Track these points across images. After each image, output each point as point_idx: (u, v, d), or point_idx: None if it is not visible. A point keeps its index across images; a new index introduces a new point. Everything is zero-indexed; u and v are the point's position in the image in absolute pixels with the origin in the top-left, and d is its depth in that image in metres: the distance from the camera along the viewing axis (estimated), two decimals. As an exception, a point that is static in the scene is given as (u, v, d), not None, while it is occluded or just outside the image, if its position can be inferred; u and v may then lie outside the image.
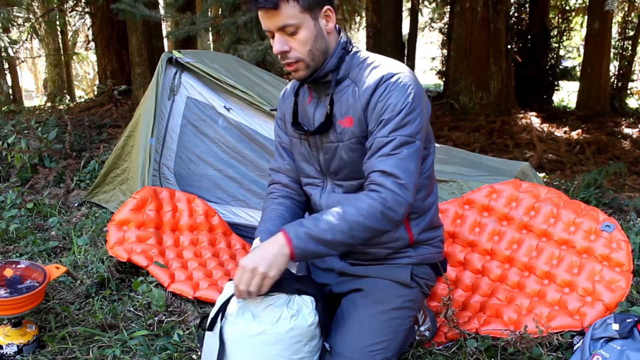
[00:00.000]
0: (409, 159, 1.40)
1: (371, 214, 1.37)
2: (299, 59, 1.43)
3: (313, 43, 1.41)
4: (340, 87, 1.50)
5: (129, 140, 2.97)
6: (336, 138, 1.51)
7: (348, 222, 1.36)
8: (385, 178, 1.38)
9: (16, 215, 3.09)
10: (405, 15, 11.02)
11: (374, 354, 1.46)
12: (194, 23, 4.70)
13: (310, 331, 1.41)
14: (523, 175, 2.53)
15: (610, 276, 1.83)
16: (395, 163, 1.38)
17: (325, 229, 1.36)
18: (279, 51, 1.41)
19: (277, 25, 1.38)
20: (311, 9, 1.39)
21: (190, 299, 2.08)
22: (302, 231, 1.35)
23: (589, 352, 1.54)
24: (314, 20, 1.40)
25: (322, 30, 1.43)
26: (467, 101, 7.98)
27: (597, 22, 8.62)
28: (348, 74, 1.49)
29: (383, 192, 1.38)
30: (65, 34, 12.29)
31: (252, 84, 2.90)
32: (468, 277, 2.07)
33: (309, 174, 1.64)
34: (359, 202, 1.39)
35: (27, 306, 1.69)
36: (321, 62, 1.46)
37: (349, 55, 1.49)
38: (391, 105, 1.40)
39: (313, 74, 1.47)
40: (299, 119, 1.59)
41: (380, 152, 1.41)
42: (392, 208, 1.38)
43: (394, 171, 1.38)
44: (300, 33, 1.39)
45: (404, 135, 1.39)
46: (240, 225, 2.81)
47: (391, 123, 1.40)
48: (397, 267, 1.59)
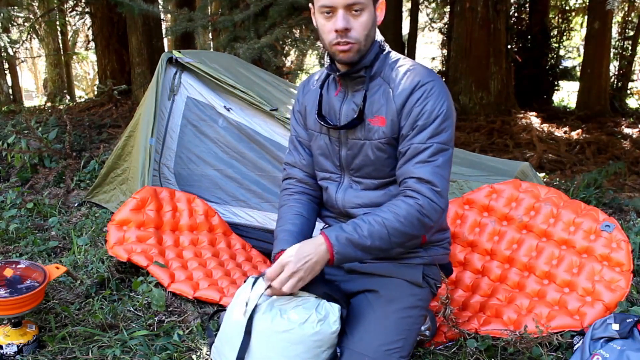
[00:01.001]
0: (443, 166, 1.44)
1: (408, 221, 1.41)
2: (357, 41, 1.43)
3: (370, 28, 1.44)
4: (372, 85, 1.51)
5: (129, 140, 2.97)
6: (364, 135, 1.52)
7: (387, 228, 1.40)
8: (422, 185, 1.42)
9: (16, 215, 3.09)
10: (405, 16, 11.01)
11: (392, 353, 1.47)
12: (192, 19, 4.69)
13: (332, 339, 1.43)
14: (523, 175, 2.53)
15: (610, 276, 1.83)
16: (432, 170, 1.42)
17: (366, 235, 1.40)
18: (343, 27, 1.40)
19: (346, 2, 1.39)
20: None
21: (190, 299, 2.08)
22: (344, 237, 1.39)
23: (589, 352, 1.54)
24: (374, 7, 1.45)
25: (376, 20, 1.47)
26: (467, 101, 7.97)
27: (597, 22, 8.61)
28: (380, 73, 1.51)
29: (420, 199, 1.42)
30: (65, 34, 12.28)
31: (252, 84, 2.90)
32: (468, 277, 2.07)
33: (327, 169, 1.64)
34: (396, 208, 1.43)
35: (27, 306, 1.69)
36: (368, 49, 1.47)
37: (382, 54, 1.52)
38: (427, 111, 1.43)
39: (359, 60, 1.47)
40: (322, 112, 1.59)
41: (417, 159, 1.44)
42: (428, 215, 1.42)
43: (430, 178, 1.42)
44: (363, 15, 1.41)
45: (440, 143, 1.43)
46: (240, 225, 2.81)
47: (427, 129, 1.43)
48: (409, 267, 1.60)
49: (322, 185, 1.69)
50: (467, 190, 2.32)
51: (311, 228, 1.68)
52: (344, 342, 1.49)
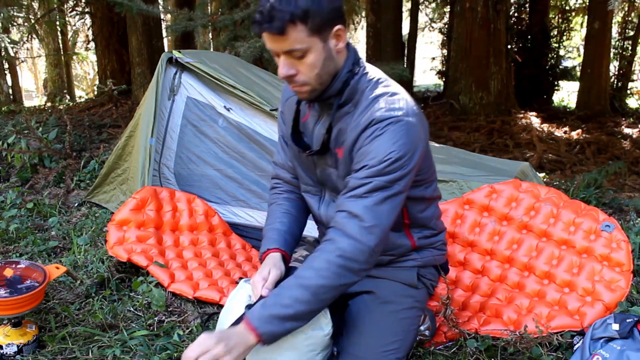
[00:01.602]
0: (381, 202, 1.29)
1: (331, 272, 1.27)
2: (305, 83, 1.33)
3: (322, 67, 1.30)
4: (341, 112, 1.40)
5: (129, 140, 2.97)
6: (332, 164, 1.45)
7: (308, 289, 1.26)
8: (349, 220, 1.29)
9: (16, 215, 3.09)
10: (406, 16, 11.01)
11: (388, 354, 1.46)
12: (192, 19, 4.69)
13: (325, 341, 1.42)
14: (523, 175, 2.53)
15: (610, 276, 1.83)
16: (364, 204, 1.29)
17: (287, 303, 1.26)
18: (284, 75, 1.31)
19: (283, 49, 1.27)
20: (320, 31, 1.27)
21: (190, 299, 2.08)
22: (266, 315, 1.25)
23: (589, 352, 1.54)
24: (323, 43, 1.29)
25: (331, 52, 1.32)
26: (467, 101, 7.98)
27: (597, 22, 8.62)
28: (351, 99, 1.39)
29: (340, 242, 1.28)
30: (65, 34, 12.29)
31: (252, 84, 2.90)
32: (468, 277, 2.07)
33: (307, 182, 1.59)
34: (314, 261, 1.29)
35: (27, 306, 1.69)
36: (328, 83, 1.35)
37: (354, 78, 1.38)
38: (373, 151, 1.30)
39: (319, 96, 1.37)
40: (299, 128, 1.52)
41: (352, 193, 1.31)
42: (352, 258, 1.28)
43: (359, 213, 1.28)
44: (308, 57, 1.28)
45: (382, 182, 1.29)
46: (240, 225, 2.81)
47: (371, 169, 1.30)
48: (403, 269, 1.59)
49: (304, 197, 1.62)
50: (467, 190, 2.32)
51: (301, 227, 1.63)
52: (340, 344, 1.49)
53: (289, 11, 1.21)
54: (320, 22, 1.25)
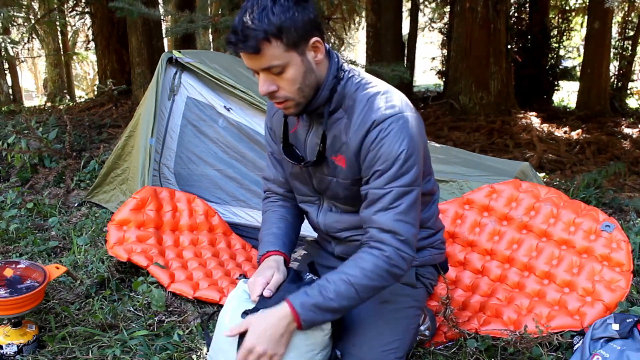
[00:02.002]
0: (407, 211, 1.33)
1: (376, 274, 1.33)
2: (288, 98, 1.31)
3: (302, 80, 1.29)
4: (332, 119, 1.39)
5: (129, 140, 2.97)
6: (329, 172, 1.44)
7: (354, 286, 1.32)
8: (385, 234, 1.33)
9: (16, 215, 3.09)
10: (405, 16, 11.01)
11: (387, 354, 1.46)
12: (193, 21, 4.68)
13: (324, 341, 1.41)
14: (523, 175, 2.53)
15: (610, 276, 1.83)
16: (393, 218, 1.32)
17: (332, 297, 1.31)
18: (265, 92, 1.29)
19: (261, 67, 1.26)
20: (296, 45, 1.25)
21: (190, 299, 2.08)
22: (310, 303, 1.30)
23: (589, 352, 1.54)
24: (301, 56, 1.27)
25: (310, 64, 1.30)
26: (467, 101, 7.98)
27: (597, 22, 8.61)
28: (341, 104, 1.38)
29: (386, 250, 1.32)
30: (65, 34, 12.29)
31: (252, 84, 2.90)
32: (468, 277, 2.07)
33: (305, 193, 1.58)
34: (363, 262, 1.33)
35: (27, 306, 1.69)
36: (312, 95, 1.34)
37: (340, 84, 1.37)
38: (384, 155, 1.31)
39: (304, 109, 1.36)
40: (290, 141, 1.50)
41: (377, 206, 1.33)
42: (397, 265, 1.34)
43: (393, 228, 1.32)
44: (287, 72, 1.27)
45: (402, 186, 1.31)
46: (240, 225, 2.81)
47: (386, 175, 1.31)
48: None
49: (302, 207, 1.62)
50: (467, 190, 2.32)
51: (297, 232, 1.63)
52: (339, 344, 1.49)
53: (262, 29, 1.20)
54: (295, 36, 1.24)
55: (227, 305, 1.45)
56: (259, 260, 1.52)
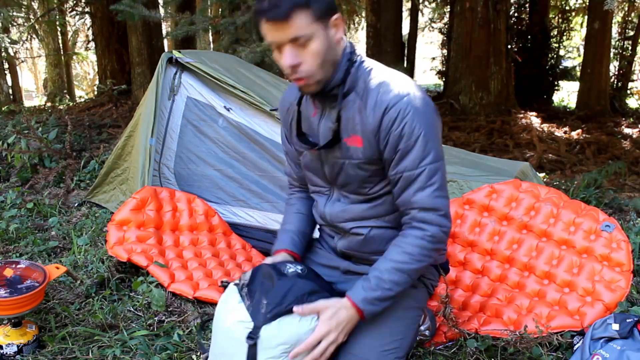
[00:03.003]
0: (442, 186, 1.40)
1: (423, 255, 1.40)
2: (309, 74, 1.33)
3: (325, 55, 1.32)
4: (345, 102, 1.43)
5: (129, 140, 2.97)
6: (342, 155, 1.47)
7: (406, 272, 1.40)
8: (427, 213, 1.39)
9: (16, 215, 3.09)
10: (405, 16, 11.02)
11: (388, 354, 1.46)
12: (193, 23, 4.68)
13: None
14: (523, 175, 2.53)
15: (610, 276, 1.83)
16: (432, 194, 1.38)
17: (389, 287, 1.40)
18: (290, 65, 1.31)
19: (287, 38, 1.28)
20: (322, 18, 1.29)
21: (190, 299, 2.08)
22: (371, 297, 1.39)
23: (589, 352, 1.54)
24: (324, 31, 1.30)
25: (332, 41, 1.34)
26: (467, 101, 7.98)
27: (597, 22, 8.62)
28: (354, 87, 1.42)
29: (429, 229, 1.39)
30: (65, 34, 12.29)
31: (252, 84, 2.90)
32: (468, 277, 2.07)
33: (316, 183, 1.62)
34: (408, 247, 1.40)
35: (27, 306, 1.69)
36: (330, 74, 1.37)
37: (354, 66, 1.41)
38: (407, 133, 1.35)
39: (323, 87, 1.40)
40: (302, 129, 1.54)
41: (414, 187, 1.39)
42: (440, 241, 1.42)
43: (434, 205, 1.38)
44: (311, 44, 1.29)
45: (432, 162, 1.37)
46: (240, 225, 2.81)
47: (413, 153, 1.36)
48: None
49: (313, 197, 1.67)
50: (467, 190, 2.32)
51: (311, 225, 1.70)
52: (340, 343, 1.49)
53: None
54: (322, 8, 1.29)
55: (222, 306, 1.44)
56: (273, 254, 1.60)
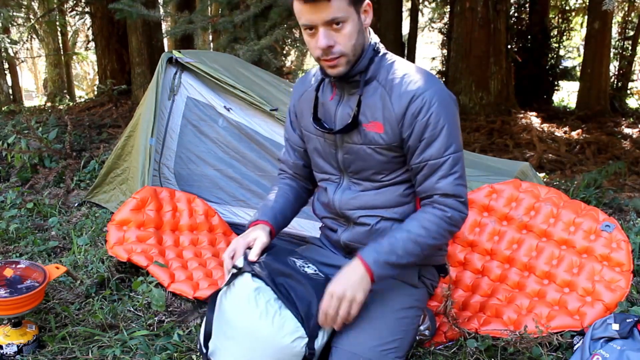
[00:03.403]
0: (462, 175, 1.46)
1: (439, 234, 1.45)
2: (343, 54, 1.40)
3: (357, 37, 1.39)
4: (367, 88, 1.48)
5: (129, 140, 2.97)
6: (360, 140, 1.50)
7: (420, 245, 1.43)
8: (448, 199, 1.45)
9: (16, 215, 3.09)
10: (405, 16, 11.01)
11: (387, 353, 1.46)
12: (192, 22, 4.68)
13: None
14: (523, 175, 2.53)
15: (610, 276, 1.83)
16: (454, 182, 1.44)
17: (401, 254, 1.42)
18: (325, 45, 1.37)
19: (325, 19, 1.34)
20: (356, 3, 1.37)
21: (190, 299, 2.08)
22: (382, 260, 1.41)
23: (589, 352, 1.54)
24: (358, 14, 1.39)
25: (362, 26, 1.41)
26: (467, 101, 7.97)
27: (597, 22, 8.61)
28: (376, 76, 1.48)
29: (449, 212, 1.45)
30: (65, 34, 12.29)
31: (252, 84, 2.90)
32: (468, 277, 2.07)
33: (326, 170, 1.63)
34: (427, 223, 1.45)
35: (27, 306, 1.69)
36: (357, 58, 1.44)
37: (378, 56, 1.48)
38: (432, 123, 1.41)
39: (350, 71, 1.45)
40: (318, 115, 1.57)
41: (437, 175, 1.44)
42: (456, 224, 1.47)
43: (455, 192, 1.44)
44: (346, 27, 1.36)
45: (455, 152, 1.43)
46: (240, 225, 2.81)
47: (438, 141, 1.42)
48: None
49: (321, 186, 1.68)
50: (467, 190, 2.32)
51: (294, 211, 1.72)
52: (338, 342, 1.48)
53: None
54: None
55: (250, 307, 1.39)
56: (247, 227, 1.59)
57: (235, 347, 1.39)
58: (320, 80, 1.58)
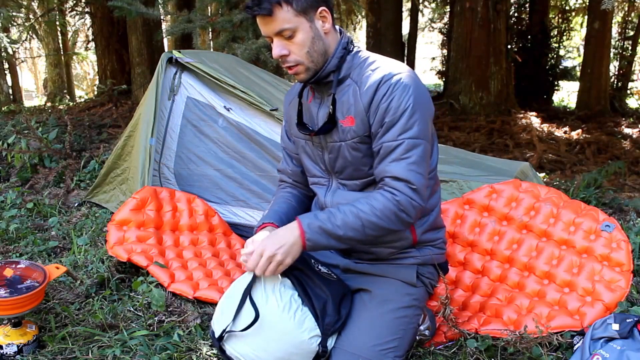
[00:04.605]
0: (418, 162, 1.42)
1: (385, 215, 1.42)
2: (298, 62, 1.45)
3: (311, 45, 1.43)
4: (341, 87, 1.51)
5: (128, 140, 2.97)
6: (339, 137, 1.53)
7: (361, 220, 1.41)
8: (398, 182, 1.42)
9: (16, 215, 3.09)
10: (405, 16, 11.01)
11: (386, 353, 1.47)
12: (191, 21, 4.68)
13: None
14: (523, 175, 2.53)
15: (610, 276, 1.83)
16: (406, 167, 1.41)
17: (339, 224, 1.41)
18: (278, 55, 1.43)
19: (273, 31, 1.41)
20: (306, 11, 1.41)
21: (190, 299, 2.08)
22: (316, 225, 1.41)
23: (589, 352, 1.54)
24: (309, 23, 1.42)
25: (319, 32, 1.44)
26: (467, 101, 7.97)
27: (597, 22, 8.62)
28: (349, 74, 1.50)
29: (397, 195, 1.42)
30: (65, 34, 12.29)
31: (252, 84, 2.90)
32: (468, 277, 2.07)
33: (315, 174, 1.67)
34: (374, 201, 1.43)
35: (27, 306, 1.69)
36: (322, 63, 1.47)
37: (350, 54, 1.51)
38: (393, 107, 1.41)
39: (315, 75, 1.48)
40: (303, 120, 1.61)
41: (390, 157, 1.43)
42: (405, 211, 1.43)
43: (406, 176, 1.41)
44: (297, 36, 1.41)
45: (411, 138, 1.41)
46: (240, 225, 2.81)
47: (396, 126, 1.41)
48: (403, 267, 1.60)
49: (313, 190, 1.71)
50: (467, 190, 2.32)
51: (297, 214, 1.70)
52: (337, 342, 1.49)
53: None
54: (304, 3, 1.40)
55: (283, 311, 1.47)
56: (255, 231, 1.61)
57: (253, 336, 1.43)
58: (303, 86, 1.62)
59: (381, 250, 1.60)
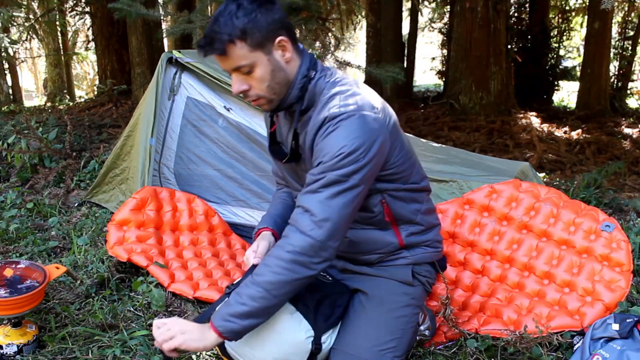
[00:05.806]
0: (334, 196, 1.30)
1: (282, 268, 1.30)
2: (260, 96, 1.38)
3: (271, 78, 1.36)
4: (306, 117, 1.44)
5: (127, 140, 2.97)
6: (305, 168, 1.48)
7: (261, 285, 1.30)
8: (302, 215, 1.32)
9: (16, 215, 3.09)
10: (405, 16, 11.01)
11: (385, 353, 1.46)
12: (191, 21, 4.67)
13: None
14: (523, 175, 2.53)
15: (610, 276, 1.83)
16: (316, 199, 1.31)
17: (243, 301, 1.30)
18: (237, 91, 1.37)
19: (230, 67, 1.35)
20: (262, 45, 1.32)
21: (190, 299, 2.08)
22: (224, 312, 1.32)
23: (589, 352, 1.54)
24: (267, 56, 1.34)
25: (279, 63, 1.36)
26: (467, 101, 7.97)
27: (597, 22, 8.61)
28: (313, 102, 1.42)
29: (292, 237, 1.31)
30: (65, 34, 12.29)
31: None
32: (468, 277, 2.07)
33: (296, 188, 1.64)
34: (268, 258, 1.33)
35: (27, 306, 1.69)
36: (284, 92, 1.40)
37: (311, 83, 1.41)
38: (326, 148, 1.32)
39: (279, 105, 1.43)
40: (277, 138, 1.58)
41: (307, 189, 1.34)
42: (303, 252, 1.30)
43: (311, 207, 1.30)
44: (255, 71, 1.34)
45: (336, 175, 1.30)
46: (240, 225, 2.81)
47: (324, 165, 1.32)
48: (397, 267, 1.59)
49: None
50: (467, 190, 2.32)
51: None
52: (335, 343, 1.49)
53: (227, 32, 1.29)
54: (259, 37, 1.32)
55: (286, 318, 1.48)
56: (253, 238, 1.62)
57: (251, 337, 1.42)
58: None
59: (368, 257, 1.60)
